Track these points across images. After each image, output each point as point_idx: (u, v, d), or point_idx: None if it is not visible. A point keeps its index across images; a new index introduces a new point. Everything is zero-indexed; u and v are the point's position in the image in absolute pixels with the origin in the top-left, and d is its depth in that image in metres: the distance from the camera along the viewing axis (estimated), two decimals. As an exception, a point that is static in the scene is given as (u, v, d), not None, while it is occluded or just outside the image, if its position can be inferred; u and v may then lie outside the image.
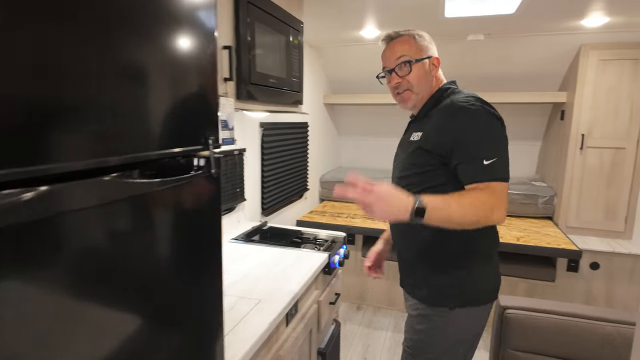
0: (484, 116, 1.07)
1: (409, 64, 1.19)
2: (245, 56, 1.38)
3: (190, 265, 0.72)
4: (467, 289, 1.18)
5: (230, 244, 1.92)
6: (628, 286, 2.54)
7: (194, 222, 0.70)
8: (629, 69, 2.56)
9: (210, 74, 0.70)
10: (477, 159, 1.03)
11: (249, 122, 2.24)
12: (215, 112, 0.71)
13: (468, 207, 1.00)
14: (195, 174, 0.64)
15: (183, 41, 0.65)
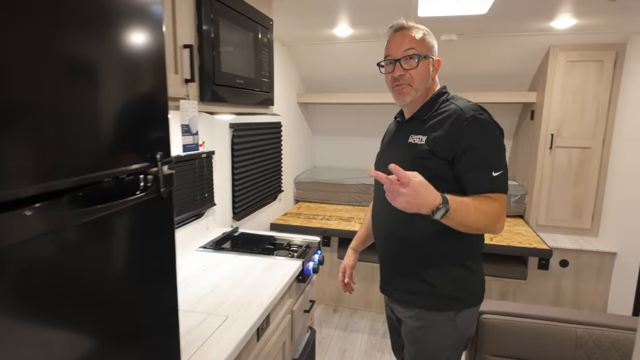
0: (494, 128, 1.09)
1: (417, 58, 1.16)
2: (208, 55, 1.29)
3: (138, 289, 0.63)
4: (470, 290, 1.19)
5: (198, 253, 1.82)
6: (595, 283, 2.61)
7: (140, 246, 0.62)
8: (594, 70, 2.62)
9: (157, 78, 0.61)
10: (488, 169, 1.05)
11: (217, 124, 2.13)
12: (164, 122, 0.63)
13: (484, 215, 1.02)
14: (137, 196, 0.55)
15: (120, 37, 0.57)
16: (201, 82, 1.27)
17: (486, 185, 1.05)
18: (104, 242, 0.57)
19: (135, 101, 0.58)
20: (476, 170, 1.06)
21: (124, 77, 0.57)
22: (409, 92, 1.18)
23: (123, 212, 0.57)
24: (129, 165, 0.56)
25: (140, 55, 0.60)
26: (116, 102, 0.55)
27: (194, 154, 1.88)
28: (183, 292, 1.43)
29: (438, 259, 1.16)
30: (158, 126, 0.61)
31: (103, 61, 0.54)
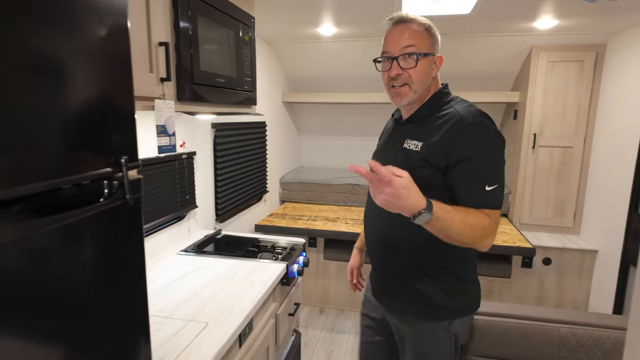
0: (494, 138, 1.02)
1: (415, 56, 1.05)
2: (186, 54, 1.24)
3: (104, 301, 0.59)
4: (464, 298, 1.16)
5: (179, 257, 1.77)
6: (578, 280, 2.65)
7: (106, 257, 0.58)
8: (575, 70, 2.66)
9: (122, 76, 0.57)
10: (481, 182, 1.00)
11: (199, 124, 2.08)
12: (129, 123, 0.59)
13: (469, 228, 0.96)
14: (100, 204, 0.51)
15: (78, 32, 0.53)
16: (178, 81, 1.22)
17: (478, 200, 1.00)
18: (65, 252, 0.53)
19: (97, 101, 0.54)
20: (469, 184, 1.00)
21: (83, 75, 0.53)
22: (406, 93, 1.09)
23: (86, 221, 0.53)
24: (90, 171, 0.52)
25: (101, 52, 0.56)
26: (75, 102, 0.51)
27: (173, 155, 1.83)
28: (162, 299, 1.38)
29: (432, 269, 1.12)
30: (122, 128, 0.57)
31: (59, 57, 0.50)
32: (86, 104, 0.52)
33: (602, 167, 2.59)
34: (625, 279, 2.30)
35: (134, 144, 0.59)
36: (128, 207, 0.57)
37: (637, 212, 2.20)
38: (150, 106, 1.09)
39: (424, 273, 1.12)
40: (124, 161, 0.54)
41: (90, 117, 0.53)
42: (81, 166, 0.50)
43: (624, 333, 1.35)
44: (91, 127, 0.52)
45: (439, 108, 1.09)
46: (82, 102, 0.52)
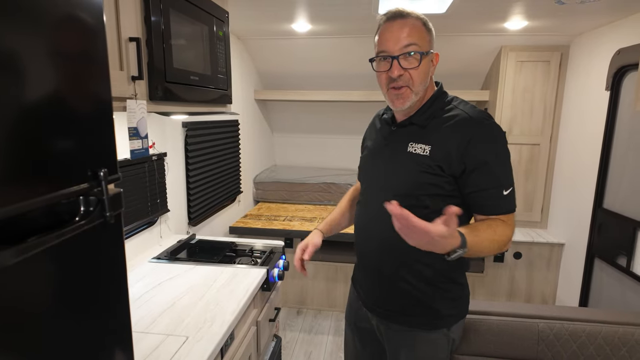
0: (503, 137, 0.99)
1: (419, 55, 0.98)
2: (158, 50, 1.16)
3: (82, 328, 0.53)
4: (463, 304, 1.15)
5: (151, 265, 1.67)
6: (546, 272, 2.76)
7: (83, 281, 0.51)
8: (541, 70, 2.75)
9: (98, 78, 0.50)
10: (499, 188, 0.97)
11: (169, 123, 1.98)
12: (107, 132, 0.52)
13: (496, 243, 0.94)
14: (75, 225, 0.45)
15: (48, 26, 0.45)
16: (150, 80, 1.14)
17: (497, 207, 0.97)
18: (37, 279, 0.46)
19: (69, 108, 0.47)
20: (487, 191, 0.96)
21: (49, 75, 0.46)
22: (408, 96, 1.02)
23: (60, 245, 0.46)
24: (63, 189, 0.45)
25: (75, 49, 0.49)
26: (42, 111, 0.44)
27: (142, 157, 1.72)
28: (136, 312, 1.29)
29: (435, 278, 1.07)
30: (100, 138, 0.50)
31: (19, 54, 0.43)
32: (59, 112, 0.45)
33: (567, 164, 2.70)
34: (590, 270, 2.41)
35: (113, 155, 0.52)
36: (109, 226, 0.50)
37: (602, 207, 2.31)
38: (121, 107, 1.01)
39: (428, 283, 1.08)
40: (103, 174, 0.48)
41: (64, 127, 0.46)
42: (53, 183, 0.43)
43: (597, 325, 1.40)
44: (63, 136, 0.45)
45: (441, 109, 1.04)
46: (54, 111, 0.45)
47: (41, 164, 0.43)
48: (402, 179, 1.04)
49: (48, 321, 0.48)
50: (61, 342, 0.51)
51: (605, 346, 1.38)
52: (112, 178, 0.51)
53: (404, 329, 1.13)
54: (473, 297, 2.73)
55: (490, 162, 0.95)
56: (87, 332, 0.55)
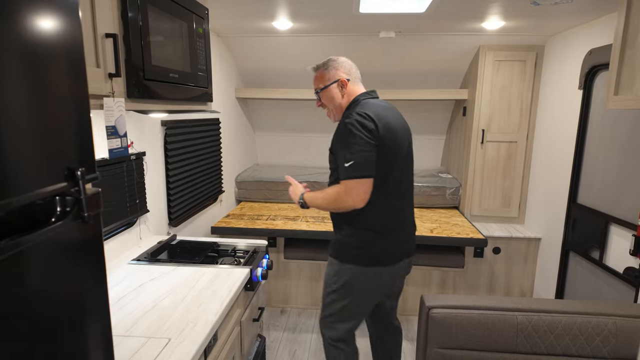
0: (350, 131, 1.44)
1: (317, 94, 1.64)
2: (136, 46, 1.13)
3: (58, 336, 0.51)
4: (356, 254, 1.57)
5: (131, 266, 1.63)
6: (523, 266, 2.84)
7: (61, 284, 0.49)
8: (518, 69, 2.82)
9: (75, 73, 0.49)
10: (343, 162, 1.45)
11: (147, 122, 1.93)
12: (85, 130, 0.50)
13: (325, 198, 1.54)
14: (51, 227, 0.43)
15: (21, 21, 0.44)
16: (128, 77, 1.11)
17: (341, 174, 1.46)
18: (11, 283, 0.44)
19: (44, 105, 0.46)
20: (339, 165, 1.47)
21: (24, 74, 0.44)
22: (329, 114, 1.67)
23: (36, 247, 0.45)
24: (39, 188, 0.43)
25: (49, 45, 0.47)
26: (16, 108, 0.42)
27: (120, 157, 1.68)
28: (116, 315, 1.26)
29: (343, 231, 1.60)
30: (77, 136, 0.48)
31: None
32: (34, 110, 0.43)
33: (543, 161, 2.78)
34: (565, 264, 2.49)
35: (91, 153, 0.50)
36: (87, 226, 0.48)
37: (576, 202, 2.39)
38: (98, 105, 0.98)
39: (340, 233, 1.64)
40: (81, 173, 0.46)
41: (39, 124, 0.44)
42: (28, 182, 0.42)
43: (573, 316, 1.45)
44: (38, 134, 0.44)
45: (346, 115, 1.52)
46: (29, 109, 0.43)
47: (15, 163, 0.41)
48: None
49: (22, 326, 0.46)
50: (38, 348, 0.49)
51: (580, 336, 1.43)
52: (90, 177, 0.49)
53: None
54: (454, 292, 2.79)
55: (338, 147, 1.49)
56: (65, 337, 0.54)
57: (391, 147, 1.48)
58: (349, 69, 1.60)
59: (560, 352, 1.45)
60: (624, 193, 2.00)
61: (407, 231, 1.66)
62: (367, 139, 1.41)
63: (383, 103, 1.58)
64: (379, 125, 1.43)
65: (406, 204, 1.64)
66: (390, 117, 1.52)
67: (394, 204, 1.55)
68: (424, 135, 3.70)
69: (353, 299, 1.61)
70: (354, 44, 2.83)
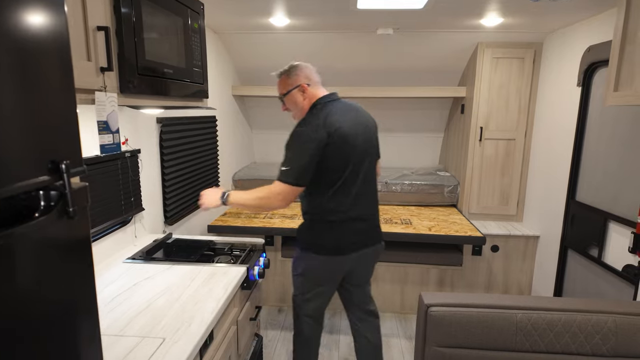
0: (296, 139, 1.60)
1: (281, 100, 1.74)
2: (129, 41, 1.11)
3: (47, 332, 0.49)
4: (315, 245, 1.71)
5: (126, 265, 1.61)
6: (522, 264, 2.83)
7: (46, 282, 0.47)
8: (516, 66, 2.81)
9: (60, 60, 0.46)
10: (282, 164, 1.59)
11: (142, 119, 1.91)
12: (72, 120, 0.48)
13: (250, 198, 1.63)
14: (35, 221, 0.41)
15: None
16: (121, 72, 1.09)
17: (278, 175, 1.59)
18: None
19: (27, 95, 0.43)
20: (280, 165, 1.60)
21: (4, 66, 0.42)
22: (295, 118, 1.75)
23: (18, 242, 0.43)
24: (21, 181, 0.41)
25: (32, 34, 0.45)
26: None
27: (115, 153, 1.65)
28: (109, 314, 1.24)
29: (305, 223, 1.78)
30: (62, 128, 0.46)
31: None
32: (13, 100, 0.41)
33: (541, 158, 2.77)
34: (564, 261, 2.48)
35: (77, 145, 0.48)
36: (73, 222, 0.46)
37: (574, 199, 2.38)
38: (89, 99, 0.95)
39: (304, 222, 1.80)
40: (65, 167, 0.44)
41: (20, 113, 0.42)
42: (10, 174, 0.39)
43: (572, 314, 1.44)
44: (21, 125, 0.41)
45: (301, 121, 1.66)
46: (8, 95, 0.41)
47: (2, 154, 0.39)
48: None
49: (6, 325, 0.44)
50: (23, 349, 0.47)
51: (579, 334, 1.42)
52: (76, 171, 0.47)
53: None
54: (452, 290, 2.78)
55: (286, 149, 1.61)
56: (53, 339, 0.52)
57: (343, 149, 1.60)
58: (309, 74, 1.71)
59: (560, 350, 1.43)
60: (623, 190, 1.99)
61: (365, 222, 1.75)
62: (310, 151, 1.56)
63: (341, 105, 1.68)
64: (329, 132, 1.56)
65: (364, 197, 1.73)
66: (347, 119, 1.63)
67: (348, 198, 1.67)
68: (422, 133, 3.68)
69: (312, 283, 1.77)
70: (351, 41, 2.81)
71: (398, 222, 2.78)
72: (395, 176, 3.27)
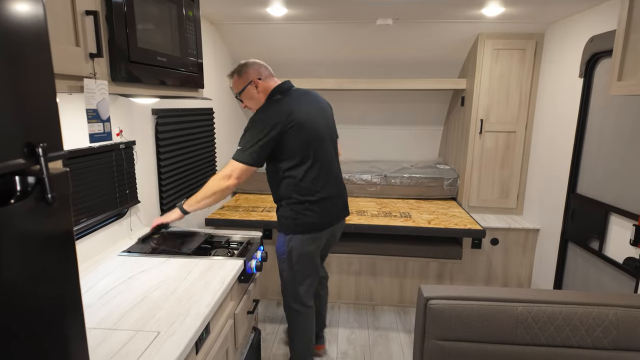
0: (252, 122, 1.72)
1: (237, 97, 1.85)
2: (120, 27, 1.07)
3: (25, 331, 0.47)
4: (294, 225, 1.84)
5: (121, 258, 1.59)
6: (522, 257, 2.82)
7: (25, 272, 0.44)
8: (517, 58, 2.77)
9: (35, 34, 0.43)
10: (239, 144, 1.73)
11: (137, 110, 1.87)
12: (49, 100, 0.45)
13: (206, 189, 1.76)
14: (9, 206, 0.38)
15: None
16: (112, 59, 1.05)
17: (234, 155, 1.73)
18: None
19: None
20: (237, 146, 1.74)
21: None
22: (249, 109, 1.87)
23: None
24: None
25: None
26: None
27: (109, 145, 1.62)
28: (103, 308, 1.22)
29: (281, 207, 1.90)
30: (38, 108, 0.43)
31: None
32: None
33: (542, 151, 2.74)
34: (564, 254, 2.47)
35: (56, 127, 0.45)
36: (53, 209, 0.44)
37: (575, 192, 2.36)
38: (78, 87, 0.92)
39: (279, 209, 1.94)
40: (42, 150, 0.41)
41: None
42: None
43: (573, 307, 1.42)
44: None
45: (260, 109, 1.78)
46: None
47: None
48: None
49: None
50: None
51: (580, 327, 1.40)
52: (54, 155, 0.44)
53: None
54: (451, 283, 2.76)
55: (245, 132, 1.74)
56: (35, 337, 0.49)
57: (304, 132, 1.72)
58: (257, 69, 1.82)
59: (561, 344, 1.42)
60: (625, 182, 1.96)
61: (340, 199, 1.94)
62: (268, 134, 1.68)
63: (296, 91, 1.82)
64: (289, 115, 1.69)
65: (332, 176, 1.88)
66: (303, 103, 1.78)
67: (319, 178, 1.80)
68: (422, 126, 3.65)
69: (302, 264, 1.87)
70: (350, 31, 2.77)
71: (397, 216, 2.76)
72: (395, 169, 3.24)
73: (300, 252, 1.85)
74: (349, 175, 3.20)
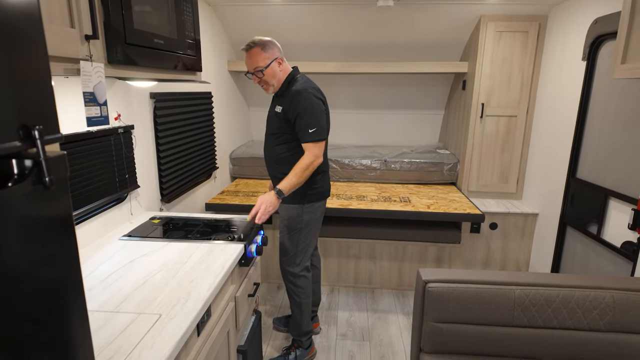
0: (312, 99, 1.78)
1: (261, 71, 1.81)
2: (116, 8, 1.05)
3: (25, 318, 0.47)
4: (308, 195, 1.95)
5: (122, 242, 1.60)
6: (520, 241, 2.83)
7: (25, 257, 0.44)
8: (520, 41, 2.73)
9: (26, 20, 0.42)
10: (306, 128, 1.78)
11: (135, 93, 1.85)
12: (44, 81, 0.44)
13: (297, 173, 1.78)
14: (5, 190, 0.38)
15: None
16: (108, 41, 1.03)
17: (304, 138, 1.79)
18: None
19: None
20: (301, 130, 1.79)
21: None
22: (268, 88, 1.87)
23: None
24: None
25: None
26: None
27: (108, 129, 1.61)
28: (105, 291, 1.23)
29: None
30: (34, 92, 0.42)
31: None
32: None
33: (543, 135, 2.73)
34: (562, 238, 2.48)
35: (52, 110, 0.45)
36: (51, 192, 0.43)
37: (575, 177, 2.36)
38: (74, 69, 0.91)
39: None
40: (38, 132, 0.40)
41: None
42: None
43: (571, 290, 1.44)
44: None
45: (289, 86, 1.84)
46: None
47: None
48: (273, 123, 1.94)
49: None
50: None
51: (577, 309, 1.42)
52: (51, 138, 0.44)
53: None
54: (450, 267, 2.79)
55: (300, 114, 1.78)
56: (36, 321, 0.49)
57: (327, 112, 1.90)
58: (280, 48, 1.87)
59: (557, 326, 1.44)
60: (626, 167, 1.96)
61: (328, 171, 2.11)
62: (321, 110, 1.81)
63: (304, 77, 1.92)
64: (323, 97, 1.86)
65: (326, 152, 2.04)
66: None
67: (327, 151, 2.01)
68: (422, 110, 3.62)
69: (310, 231, 2.00)
70: (349, 13, 2.72)
71: (397, 200, 2.76)
72: (395, 154, 3.23)
73: (316, 217, 1.99)
74: (349, 160, 3.19)
